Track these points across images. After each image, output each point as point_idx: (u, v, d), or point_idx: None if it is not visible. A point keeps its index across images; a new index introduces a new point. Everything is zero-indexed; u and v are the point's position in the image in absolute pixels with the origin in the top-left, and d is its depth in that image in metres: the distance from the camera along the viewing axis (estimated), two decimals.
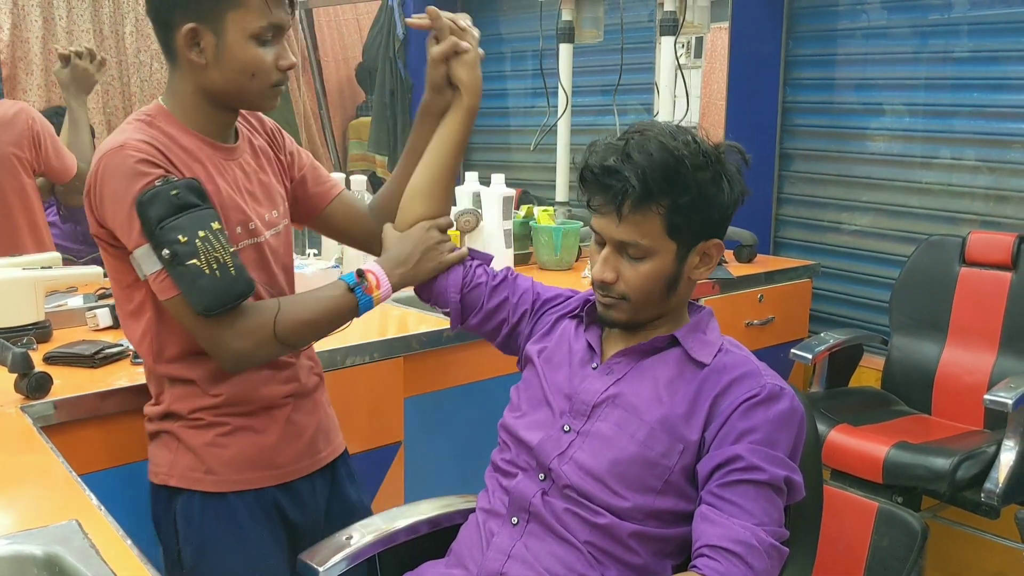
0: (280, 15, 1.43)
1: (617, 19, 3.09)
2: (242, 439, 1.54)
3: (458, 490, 1.65)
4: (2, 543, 1.11)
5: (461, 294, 1.59)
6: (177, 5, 1.40)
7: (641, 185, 1.27)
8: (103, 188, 1.37)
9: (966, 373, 2.67)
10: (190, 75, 1.45)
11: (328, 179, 1.75)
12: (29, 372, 1.63)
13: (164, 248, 1.33)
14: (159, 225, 1.32)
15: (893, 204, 3.14)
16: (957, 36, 2.92)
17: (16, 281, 1.95)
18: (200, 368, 1.49)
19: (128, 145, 1.37)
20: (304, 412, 1.62)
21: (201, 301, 1.34)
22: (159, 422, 1.54)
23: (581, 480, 1.33)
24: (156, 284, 1.38)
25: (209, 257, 1.34)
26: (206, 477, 1.52)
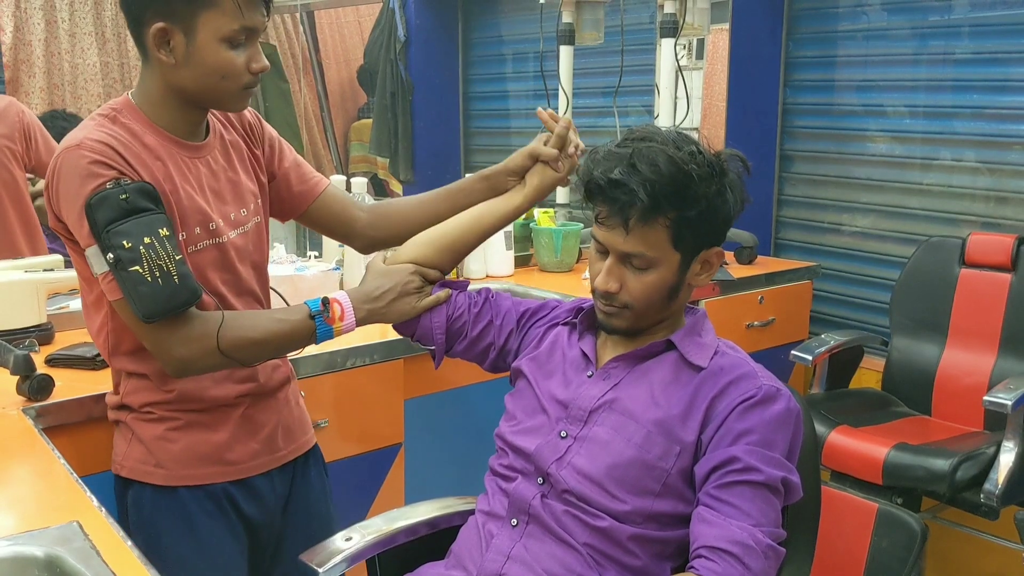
0: (254, 18, 1.41)
1: (618, 21, 3.10)
2: (192, 435, 1.53)
3: (458, 491, 1.65)
4: (3, 544, 1.12)
5: (446, 332, 1.58)
6: (148, 3, 1.37)
7: (650, 199, 1.27)
8: (59, 185, 1.36)
9: (966, 374, 2.67)
10: (159, 72, 1.43)
11: (312, 176, 1.72)
12: (31, 374, 1.64)
13: (109, 252, 1.31)
14: (105, 229, 1.31)
15: (893, 206, 3.14)
16: (957, 38, 2.93)
17: (18, 284, 1.96)
18: (152, 363, 1.48)
19: (84, 144, 1.35)
20: (262, 410, 1.61)
21: (141, 307, 1.33)
22: (116, 411, 1.55)
23: (579, 484, 1.34)
24: (104, 285, 1.37)
25: (152, 264, 1.32)
26: (155, 470, 1.52)
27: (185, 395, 1.51)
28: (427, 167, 4.36)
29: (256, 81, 1.46)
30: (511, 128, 4.41)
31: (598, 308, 1.42)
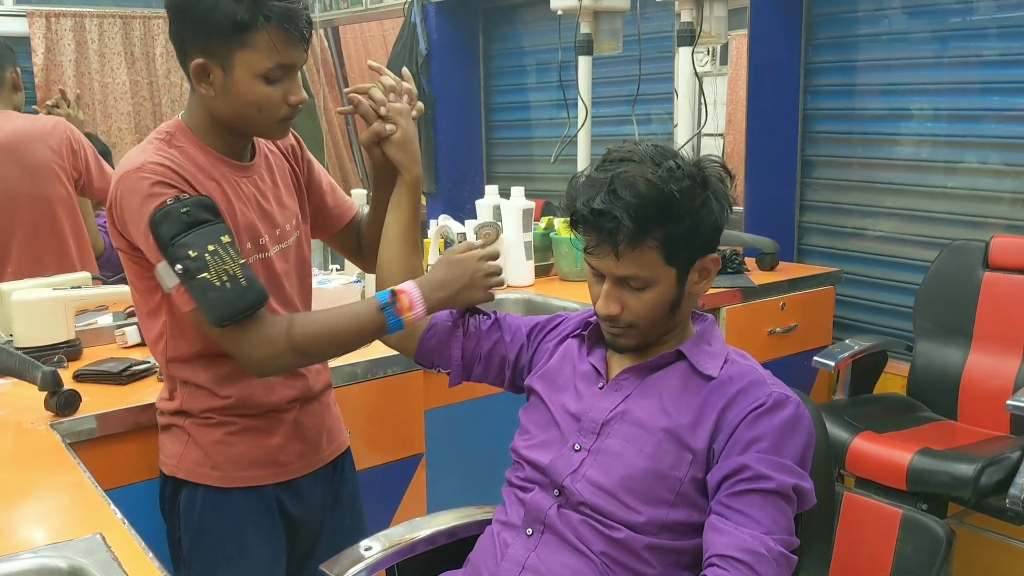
0: (290, 56, 1.45)
1: (637, 30, 3.12)
2: (248, 439, 1.60)
3: (479, 501, 1.67)
4: (28, 556, 1.15)
5: (463, 356, 1.60)
6: (189, 38, 1.44)
7: (635, 223, 1.28)
8: (124, 206, 1.44)
9: (991, 378, 2.64)
10: (202, 101, 1.50)
11: (345, 199, 1.80)
12: (58, 390, 1.68)
13: (177, 264, 1.38)
14: (171, 242, 1.38)
15: (917, 209, 3.12)
16: (979, 40, 2.90)
17: (47, 301, 2.01)
18: (210, 372, 1.55)
19: (145, 167, 1.42)
20: (310, 414, 1.68)
21: (213, 313, 1.39)
22: (171, 416, 1.61)
23: (594, 497, 1.35)
24: (177, 298, 1.43)
25: (219, 270, 1.38)
26: (212, 472, 1.58)
27: (241, 401, 1.57)
28: (449, 179, 4.39)
29: (294, 113, 1.51)
30: (533, 138, 4.43)
31: (604, 329, 1.43)
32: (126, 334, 2.12)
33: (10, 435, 1.63)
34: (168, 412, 1.61)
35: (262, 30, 1.41)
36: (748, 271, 2.99)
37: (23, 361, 1.71)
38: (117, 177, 1.45)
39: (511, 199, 2.86)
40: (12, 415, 1.70)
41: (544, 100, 4.30)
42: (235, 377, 1.56)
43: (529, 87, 4.41)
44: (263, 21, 1.40)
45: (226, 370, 1.55)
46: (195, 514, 1.60)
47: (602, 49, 3.25)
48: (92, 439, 1.68)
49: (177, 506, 1.61)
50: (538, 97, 4.38)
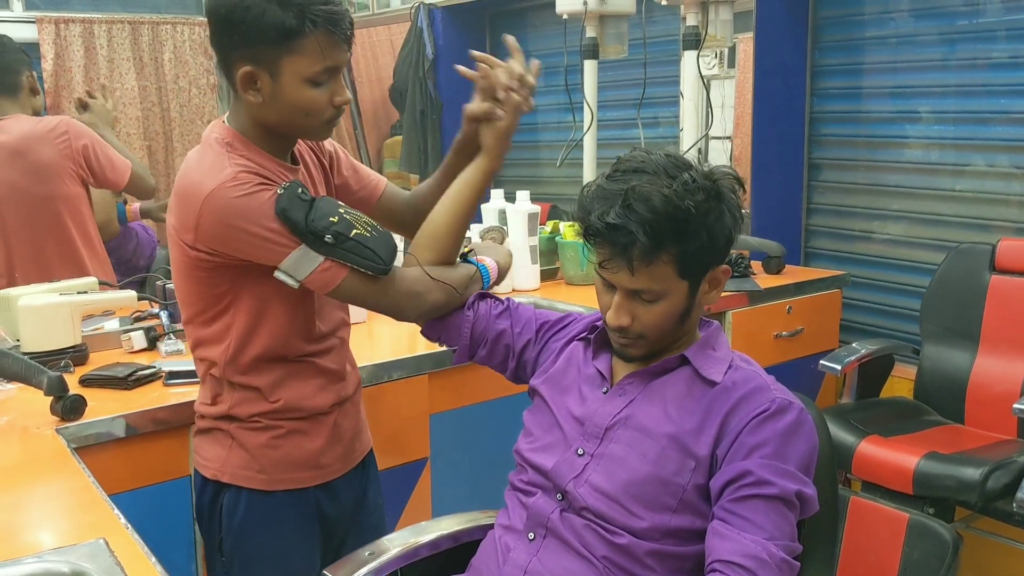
0: (336, 57, 1.47)
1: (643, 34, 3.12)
2: (292, 442, 1.62)
3: (485, 504, 1.67)
4: (32, 561, 1.16)
5: (471, 335, 1.62)
6: (235, 47, 1.45)
7: (650, 240, 1.27)
8: (226, 220, 1.43)
9: (998, 382, 2.64)
10: (248, 108, 1.51)
11: (370, 177, 1.81)
12: (64, 395, 1.68)
13: (325, 235, 1.42)
14: (306, 221, 1.42)
15: (925, 212, 3.11)
16: (987, 42, 2.90)
17: (54, 307, 2.02)
18: (266, 376, 1.58)
19: (237, 177, 1.44)
20: (346, 415, 1.71)
21: (377, 259, 1.45)
22: (214, 420, 1.62)
23: (597, 502, 1.35)
24: (323, 277, 1.46)
25: (362, 223, 1.46)
26: (257, 475, 1.61)
27: (288, 405, 1.60)
28: None
29: (339, 114, 1.54)
30: (539, 142, 4.44)
31: (614, 339, 1.43)
32: (132, 339, 2.13)
33: (16, 439, 1.63)
34: (211, 416, 1.63)
35: (309, 35, 1.42)
36: (754, 275, 2.98)
37: (29, 366, 1.71)
38: (202, 195, 1.43)
39: (516, 203, 2.86)
40: (18, 420, 1.71)
41: (550, 104, 4.30)
42: (286, 382, 1.59)
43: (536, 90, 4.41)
44: (310, 27, 1.42)
45: (279, 375, 1.59)
46: (238, 517, 1.62)
47: (608, 53, 3.25)
48: (97, 444, 1.69)
49: (218, 509, 1.63)
50: (544, 101, 4.37)
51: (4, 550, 1.20)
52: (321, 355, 1.64)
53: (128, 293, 2.25)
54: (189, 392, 1.83)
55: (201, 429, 1.66)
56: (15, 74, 2.80)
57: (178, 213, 1.49)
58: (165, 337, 2.17)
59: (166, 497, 1.77)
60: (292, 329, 1.58)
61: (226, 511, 1.62)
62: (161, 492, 1.75)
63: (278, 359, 1.58)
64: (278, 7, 1.40)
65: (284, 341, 1.58)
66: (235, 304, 1.54)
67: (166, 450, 1.77)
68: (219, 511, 1.63)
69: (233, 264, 1.50)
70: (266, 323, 1.55)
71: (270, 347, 1.57)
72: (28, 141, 2.73)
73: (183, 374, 1.89)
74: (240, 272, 1.51)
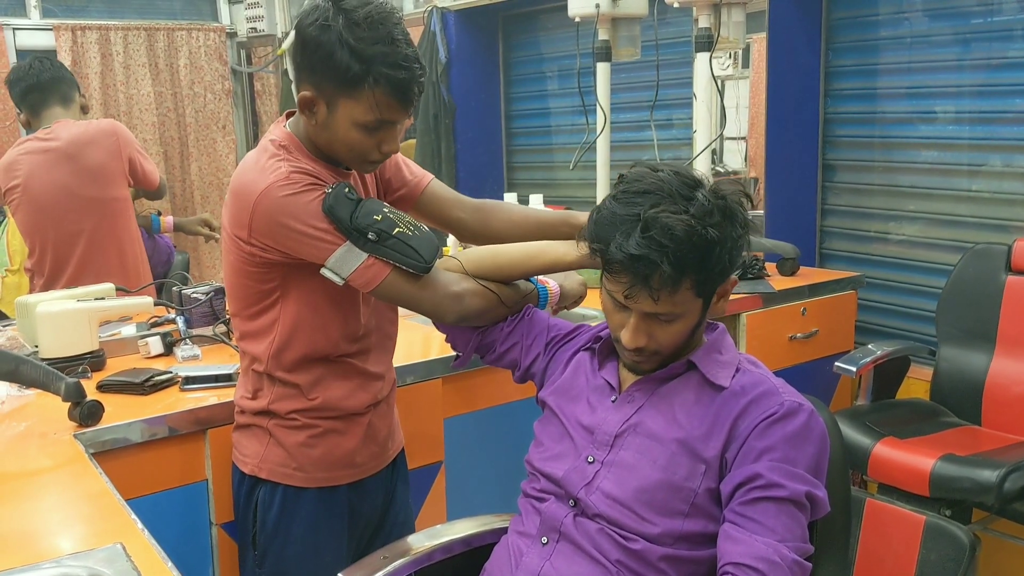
0: (392, 115, 1.51)
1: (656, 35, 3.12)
2: (329, 441, 1.66)
3: (499, 507, 1.68)
4: (50, 566, 1.17)
5: (478, 346, 1.67)
6: (304, 69, 1.50)
7: (674, 269, 1.26)
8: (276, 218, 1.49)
9: (1015, 383, 2.62)
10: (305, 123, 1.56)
11: (414, 173, 1.82)
12: (82, 401, 1.70)
13: (368, 232, 1.46)
14: (351, 219, 1.46)
15: (941, 213, 3.10)
16: (1003, 41, 2.88)
17: (71, 313, 2.04)
18: (306, 375, 1.63)
19: (290, 176, 1.48)
20: (381, 416, 1.75)
21: (419, 257, 1.49)
22: (253, 416, 1.66)
23: (610, 509, 1.35)
24: (366, 274, 1.50)
25: (405, 222, 1.50)
26: (295, 473, 1.65)
27: (326, 404, 1.64)
28: (469, 186, 4.39)
29: (383, 158, 1.58)
30: (553, 145, 4.44)
31: (626, 356, 1.42)
32: (149, 344, 2.15)
33: (35, 445, 1.65)
34: (251, 411, 1.67)
35: (369, 89, 1.46)
36: (769, 276, 2.97)
37: (47, 372, 1.73)
38: (255, 193, 1.49)
39: (530, 206, 2.87)
40: (37, 425, 1.73)
41: (564, 106, 4.30)
42: (325, 381, 1.64)
43: (549, 94, 4.42)
44: (371, 83, 1.46)
45: (319, 373, 1.63)
46: (272, 512, 1.66)
47: (620, 56, 3.25)
48: (114, 449, 1.71)
49: (254, 504, 1.67)
50: (558, 104, 4.38)
51: (23, 555, 1.22)
52: (361, 356, 1.67)
53: (144, 299, 2.27)
54: (205, 397, 1.85)
55: (240, 424, 1.70)
56: (70, 87, 2.94)
57: (232, 210, 1.54)
58: (182, 342, 2.18)
59: (182, 502, 1.78)
60: (335, 328, 1.62)
61: (261, 506, 1.67)
62: (177, 497, 1.77)
63: (320, 358, 1.62)
64: (349, 54, 1.44)
65: (326, 340, 1.61)
66: (282, 300, 1.58)
67: (182, 455, 1.79)
68: (254, 506, 1.67)
69: (283, 262, 1.54)
70: (310, 321, 1.59)
71: (313, 345, 1.61)
72: (78, 145, 2.81)
73: (199, 379, 1.91)
74: (290, 270, 1.55)
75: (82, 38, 4.65)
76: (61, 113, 2.88)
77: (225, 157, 5.15)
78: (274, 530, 1.66)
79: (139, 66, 4.84)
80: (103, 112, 4.68)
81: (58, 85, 2.89)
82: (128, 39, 4.79)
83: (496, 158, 4.62)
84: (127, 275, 2.86)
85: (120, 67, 4.77)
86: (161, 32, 4.90)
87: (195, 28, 5.01)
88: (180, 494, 1.77)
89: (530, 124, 4.54)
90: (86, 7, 4.78)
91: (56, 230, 2.85)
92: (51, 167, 2.81)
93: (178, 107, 5.02)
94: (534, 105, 4.49)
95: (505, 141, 4.65)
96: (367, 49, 1.44)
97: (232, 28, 5.18)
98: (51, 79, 2.88)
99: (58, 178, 2.81)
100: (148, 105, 4.87)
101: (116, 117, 4.74)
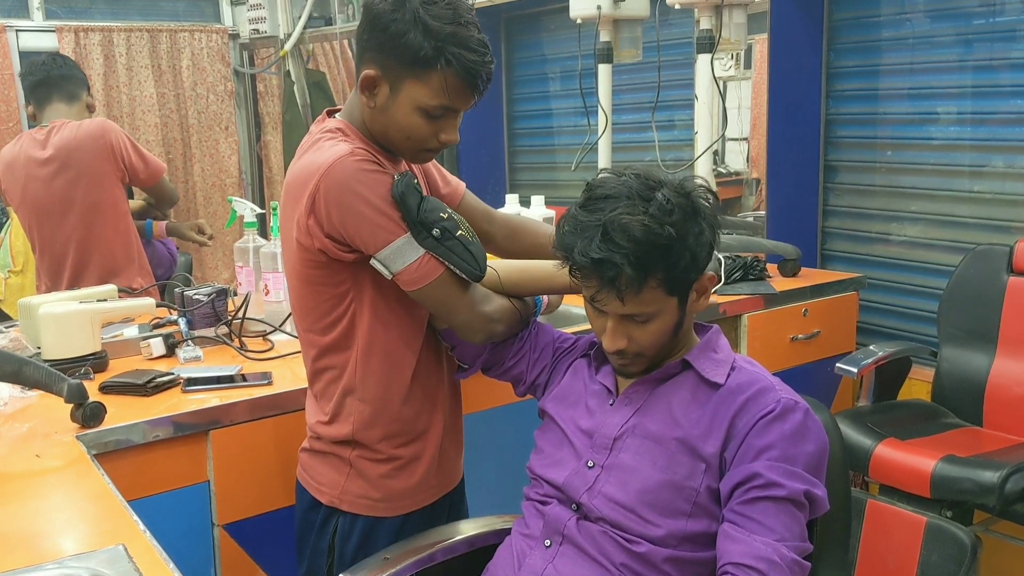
0: (457, 101, 1.47)
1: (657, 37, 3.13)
2: (409, 470, 1.62)
3: (504, 508, 1.68)
4: (53, 567, 1.18)
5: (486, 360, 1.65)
6: (370, 49, 1.47)
7: (636, 269, 1.28)
8: (348, 185, 1.42)
9: (1017, 384, 2.62)
10: (361, 109, 1.52)
11: (452, 179, 1.82)
12: (84, 402, 1.71)
13: (433, 227, 1.42)
14: (419, 210, 1.41)
15: (943, 214, 3.10)
16: (1005, 42, 2.88)
17: (74, 314, 2.05)
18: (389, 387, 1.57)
19: (356, 152, 1.44)
20: (450, 438, 1.70)
21: (474, 264, 1.45)
22: (332, 445, 1.61)
23: (613, 512, 1.36)
24: (419, 271, 1.44)
25: (466, 227, 1.45)
26: (378, 504, 1.61)
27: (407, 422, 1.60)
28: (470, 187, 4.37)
29: (440, 148, 1.53)
30: (555, 146, 4.44)
31: (612, 360, 1.44)
32: (151, 345, 2.15)
33: (37, 446, 1.65)
34: (328, 439, 1.61)
35: (440, 71, 1.43)
36: (770, 277, 2.97)
37: (50, 374, 1.74)
38: (320, 168, 1.43)
39: (531, 207, 2.87)
40: (40, 427, 1.73)
41: (566, 108, 4.31)
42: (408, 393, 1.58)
43: (551, 95, 4.42)
44: (443, 64, 1.42)
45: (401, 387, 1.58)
46: (351, 544, 1.62)
47: (622, 57, 3.26)
48: (117, 450, 1.71)
49: (329, 534, 1.64)
50: (560, 105, 4.39)
51: (25, 556, 1.22)
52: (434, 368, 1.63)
53: (147, 301, 2.28)
54: (208, 398, 1.85)
55: (316, 450, 1.65)
56: (78, 86, 2.94)
57: (291, 203, 1.49)
58: (184, 344, 2.19)
59: (184, 503, 1.79)
60: (415, 331, 1.57)
61: (340, 537, 1.63)
62: (179, 498, 1.77)
63: (402, 366, 1.57)
64: (422, 34, 1.41)
65: (408, 344, 1.57)
66: (358, 302, 1.52)
67: (184, 456, 1.79)
68: (330, 536, 1.63)
69: (348, 259, 1.48)
70: (392, 323, 1.54)
71: (396, 352, 1.55)
72: (70, 146, 2.80)
73: (201, 380, 1.91)
74: (358, 268, 1.49)
75: (85, 40, 4.66)
76: (64, 111, 2.88)
77: (227, 158, 5.15)
78: (352, 561, 1.61)
79: (142, 67, 4.84)
80: (106, 113, 4.69)
81: (65, 83, 2.89)
82: (131, 41, 4.80)
83: (498, 159, 4.62)
84: (127, 274, 2.86)
85: (123, 68, 4.78)
86: (164, 34, 4.91)
87: (198, 30, 5.02)
88: (182, 495, 1.78)
89: (532, 125, 4.55)
90: (89, 9, 4.79)
91: (51, 234, 2.86)
92: (39, 173, 2.81)
93: (180, 108, 5.02)
94: (536, 106, 4.50)
95: (507, 142, 4.65)
96: (443, 28, 1.41)
97: (235, 30, 5.19)
98: (60, 76, 2.88)
99: (52, 186, 2.81)
100: (151, 106, 4.88)
101: (119, 118, 4.75)
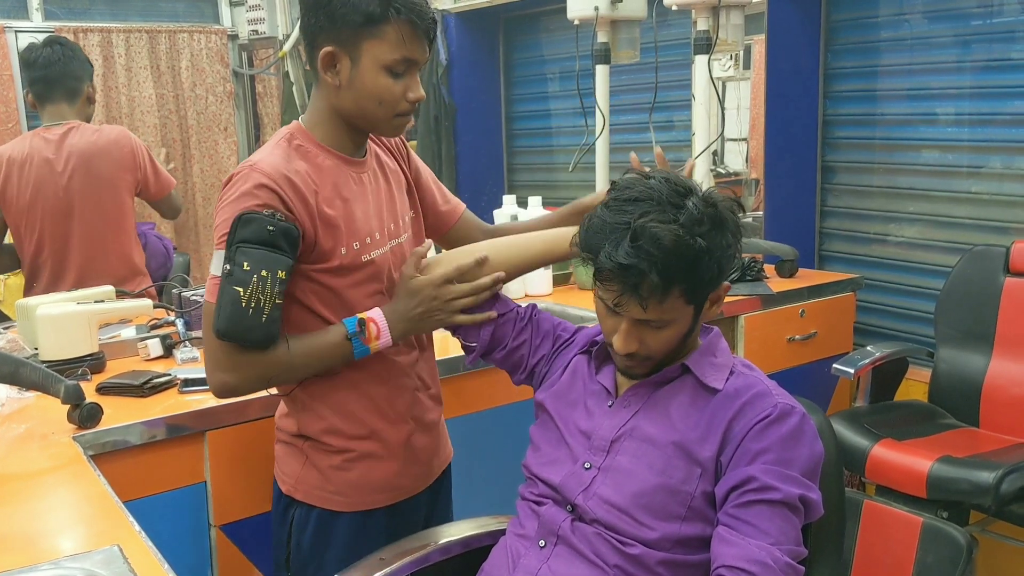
0: (415, 51, 1.51)
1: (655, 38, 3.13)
2: (366, 464, 1.62)
3: (502, 508, 1.68)
4: (48, 568, 1.18)
5: (491, 337, 1.63)
6: (322, 28, 1.50)
7: (662, 278, 1.27)
8: (226, 192, 1.49)
9: (1014, 384, 2.62)
10: (326, 93, 1.55)
11: (452, 197, 1.84)
12: (81, 403, 1.71)
13: (228, 263, 1.43)
14: (239, 243, 1.43)
15: (940, 215, 3.10)
16: (1003, 43, 2.88)
17: (71, 316, 2.05)
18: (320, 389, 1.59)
19: (258, 166, 1.48)
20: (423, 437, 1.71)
21: (220, 322, 1.43)
22: (290, 436, 1.64)
23: (608, 514, 1.36)
24: (208, 283, 1.48)
25: (253, 294, 1.42)
26: (332, 497, 1.62)
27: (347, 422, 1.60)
28: (468, 188, 4.41)
29: (411, 110, 1.57)
30: (553, 146, 4.45)
31: (619, 361, 1.43)
32: (148, 346, 2.16)
33: (34, 447, 1.66)
34: (286, 431, 1.64)
35: (391, 22, 1.47)
36: (767, 278, 2.98)
37: (47, 375, 1.74)
38: (238, 169, 1.51)
39: (529, 208, 2.87)
40: (37, 428, 1.74)
41: (564, 108, 4.32)
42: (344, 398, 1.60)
43: (549, 96, 4.43)
44: (393, 14, 1.47)
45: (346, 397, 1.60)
46: (307, 535, 1.63)
47: (620, 58, 3.26)
48: (114, 451, 1.71)
49: (288, 522, 1.65)
50: (558, 105, 4.39)
51: (21, 557, 1.23)
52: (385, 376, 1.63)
53: (144, 302, 2.28)
54: (204, 399, 1.86)
55: (281, 440, 1.67)
56: (78, 81, 2.89)
57: None
58: (181, 345, 2.19)
59: (181, 504, 1.79)
60: None
61: (296, 527, 1.64)
62: (176, 499, 1.77)
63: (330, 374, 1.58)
64: None
65: None
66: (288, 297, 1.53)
67: (181, 457, 1.80)
68: (289, 526, 1.64)
69: None
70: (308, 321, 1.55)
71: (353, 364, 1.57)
72: (91, 152, 2.81)
73: (198, 381, 1.91)
74: None
75: (84, 40, 4.65)
76: (67, 110, 2.85)
77: (227, 159, 5.15)
78: (309, 553, 1.63)
79: (141, 68, 4.84)
80: (105, 114, 4.68)
81: (65, 80, 2.84)
82: (130, 41, 4.79)
83: (496, 160, 4.63)
84: (127, 278, 2.87)
85: (122, 69, 4.78)
86: (163, 35, 4.90)
87: (197, 31, 5.01)
88: (179, 496, 1.78)
89: (530, 126, 4.55)
90: (88, 9, 4.79)
91: (61, 236, 2.84)
92: (55, 175, 2.79)
93: (180, 109, 5.02)
94: (534, 107, 4.50)
95: (505, 143, 4.66)
96: None
97: (234, 30, 5.18)
98: (59, 74, 2.83)
99: (71, 185, 2.80)
100: (150, 107, 4.87)
101: (118, 119, 4.75)
